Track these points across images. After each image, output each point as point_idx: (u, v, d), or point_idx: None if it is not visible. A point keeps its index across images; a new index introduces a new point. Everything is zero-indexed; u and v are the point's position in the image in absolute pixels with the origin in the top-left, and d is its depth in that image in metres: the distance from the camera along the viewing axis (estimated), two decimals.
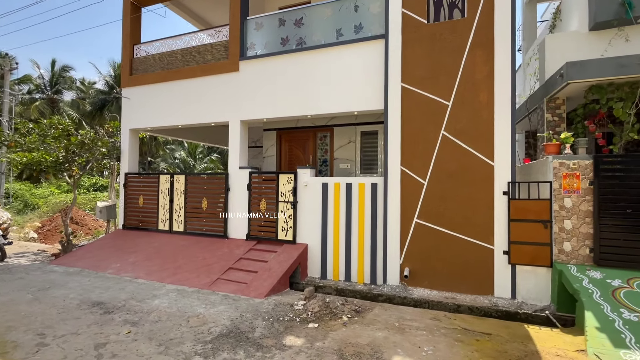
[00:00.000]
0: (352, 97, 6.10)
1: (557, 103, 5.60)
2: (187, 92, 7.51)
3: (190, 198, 7.43)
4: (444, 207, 5.38)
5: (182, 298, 4.77)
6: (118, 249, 7.09)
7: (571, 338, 3.65)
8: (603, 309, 3.71)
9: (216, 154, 38.74)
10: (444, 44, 5.45)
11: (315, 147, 8.10)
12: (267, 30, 6.95)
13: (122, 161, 8.31)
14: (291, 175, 6.41)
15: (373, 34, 6.07)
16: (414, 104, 5.60)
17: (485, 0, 5.23)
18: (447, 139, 5.39)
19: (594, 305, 3.79)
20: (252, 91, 6.88)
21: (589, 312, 3.70)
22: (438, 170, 5.43)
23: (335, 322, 3.98)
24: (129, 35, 8.28)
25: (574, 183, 4.58)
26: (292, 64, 6.58)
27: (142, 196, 7.96)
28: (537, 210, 4.78)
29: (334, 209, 6.13)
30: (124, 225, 8.15)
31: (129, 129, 8.24)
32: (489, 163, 5.15)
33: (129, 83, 8.23)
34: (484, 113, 5.20)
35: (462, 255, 5.24)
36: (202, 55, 7.44)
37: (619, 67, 4.53)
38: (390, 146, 5.70)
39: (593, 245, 4.47)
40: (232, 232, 6.94)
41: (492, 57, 5.17)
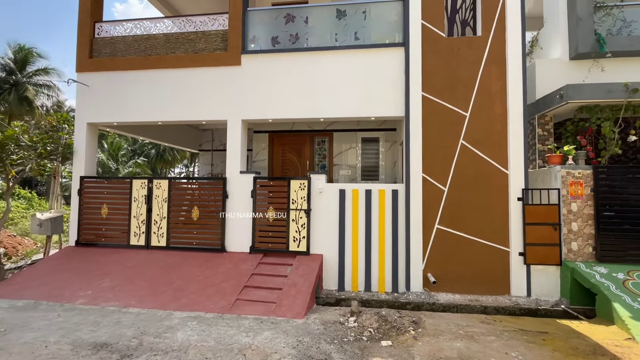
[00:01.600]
0: (370, 103, 6.00)
1: (546, 120, 6.38)
2: (172, 83, 6.48)
3: (176, 207, 6.36)
4: (463, 212, 5.60)
5: (208, 327, 3.97)
6: (79, 272, 5.64)
7: (606, 328, 4.07)
8: (625, 300, 4.25)
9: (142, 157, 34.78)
10: (461, 58, 5.75)
11: (312, 152, 7.76)
12: (273, 24, 6.44)
13: (76, 162, 6.72)
14: (304, 181, 5.97)
15: (390, 41, 6.10)
16: (433, 113, 5.76)
17: (498, 22, 5.70)
18: (466, 148, 5.66)
19: (617, 297, 4.31)
20: (256, 89, 6.26)
21: (616, 303, 4.20)
22: (457, 177, 5.65)
23: (404, 336, 3.74)
24: (88, 11, 6.82)
25: (578, 190, 5.21)
26: (303, 63, 6.20)
27: (107, 205, 6.53)
28: (548, 214, 5.31)
29: (352, 216, 5.89)
30: (78, 241, 6.56)
31: (87, 123, 6.73)
32: (503, 171, 5.55)
33: (88, 67, 6.75)
34: (498, 124, 5.61)
35: (481, 259, 5.50)
36: (193, 44, 6.52)
37: (607, 92, 5.38)
38: (412, 153, 5.74)
39: (595, 244, 5.13)
40: (231, 245, 6.13)
41: (505, 73, 5.63)
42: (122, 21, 6.86)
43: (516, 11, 5.63)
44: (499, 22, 5.69)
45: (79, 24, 6.83)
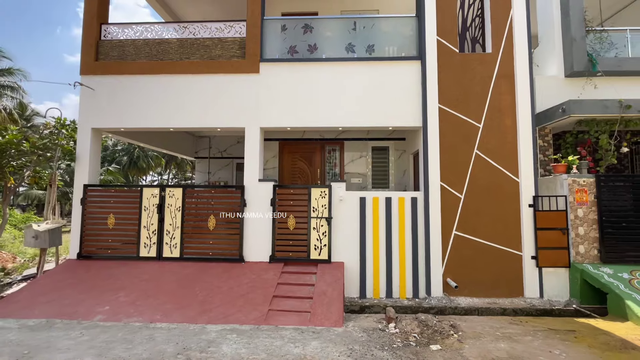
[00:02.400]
0: (388, 113, 6.18)
1: (546, 132, 6.87)
2: (186, 89, 6.32)
3: (190, 216, 6.15)
4: (478, 219, 5.87)
5: (250, 339, 3.86)
6: (89, 287, 5.28)
7: (623, 324, 4.41)
8: (636, 298, 4.63)
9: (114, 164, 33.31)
10: (474, 73, 6.10)
11: (323, 160, 7.81)
12: (292, 34, 6.50)
13: (79, 169, 6.33)
14: (325, 190, 6.01)
15: (406, 54, 6.35)
16: (449, 124, 6.03)
17: (506, 40, 6.12)
18: (480, 157, 5.97)
19: (628, 295, 4.69)
20: (275, 97, 6.26)
21: (629, 301, 4.56)
22: (473, 185, 5.93)
23: (449, 340, 3.85)
24: (95, 12, 6.54)
25: (583, 197, 5.64)
26: (321, 73, 6.29)
27: (113, 215, 6.20)
28: (557, 220, 5.69)
29: (373, 223, 5.99)
30: (80, 253, 6.15)
31: (91, 129, 6.39)
32: (515, 179, 5.90)
33: (95, 70, 6.44)
34: (509, 136, 5.98)
35: (496, 263, 5.78)
36: (208, 50, 6.43)
37: (604, 107, 5.91)
38: (431, 162, 5.96)
39: (599, 247, 5.56)
40: (249, 255, 6.01)
41: (514, 88, 6.04)
42: (130, 24, 6.64)
43: (523, 30, 6.09)
44: (507, 40, 6.12)
45: (84, 25, 6.53)
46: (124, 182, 33.10)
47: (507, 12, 6.14)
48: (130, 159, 32.94)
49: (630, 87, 6.44)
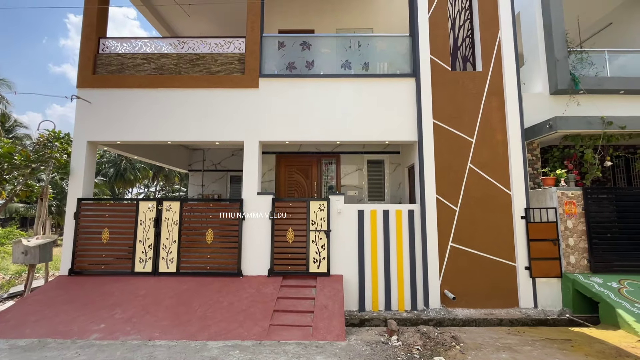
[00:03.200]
0: (385, 128, 6.35)
1: (534, 146, 7.17)
2: (185, 103, 6.36)
3: (188, 230, 6.09)
4: (473, 230, 6.02)
5: (254, 355, 3.82)
6: (83, 304, 5.13)
7: (615, 333, 4.56)
8: (626, 306, 4.80)
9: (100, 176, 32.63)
10: (466, 90, 6.36)
11: (319, 174, 7.89)
12: (290, 50, 6.67)
13: (73, 183, 6.22)
14: (324, 202, 6.07)
15: (401, 72, 6.59)
16: (443, 139, 6.24)
17: (495, 60, 6.43)
18: (473, 171, 6.17)
19: (618, 304, 4.86)
20: (274, 111, 6.37)
21: (619, 310, 4.73)
22: (467, 197, 6.11)
23: (451, 351, 3.90)
24: (94, 25, 6.57)
25: (572, 209, 5.88)
26: (319, 88, 6.45)
27: (108, 229, 6.08)
28: (548, 231, 5.89)
29: (371, 236, 6.06)
30: (72, 269, 5.98)
31: (87, 142, 6.32)
32: (507, 192, 6.11)
33: (92, 84, 6.43)
34: (500, 150, 6.22)
35: (491, 274, 5.91)
36: (208, 65, 6.51)
37: (588, 124, 6.23)
38: (426, 176, 6.12)
39: (589, 257, 5.77)
40: (247, 269, 5.97)
41: (504, 104, 6.32)
42: (130, 38, 6.69)
43: (510, 51, 6.42)
44: (496, 59, 6.43)
45: (82, 38, 6.54)
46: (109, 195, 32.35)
47: (495, 34, 6.48)
48: (117, 170, 32.30)
49: (611, 104, 6.83)
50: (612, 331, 4.64)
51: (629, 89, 6.87)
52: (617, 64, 7.29)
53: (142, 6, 7.95)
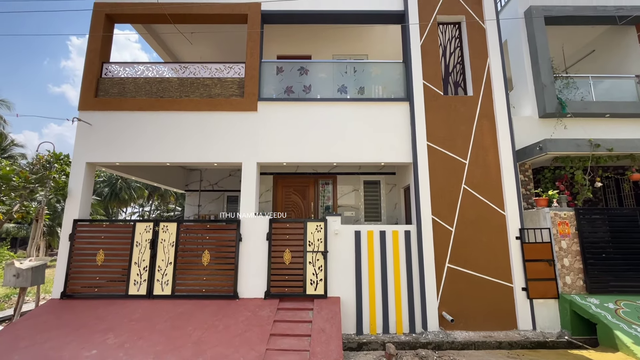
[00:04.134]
0: (380, 150, 6.49)
1: (526, 167, 7.34)
2: (185, 126, 6.49)
3: (184, 251, 6.06)
4: (469, 251, 6.06)
5: None
6: (75, 328, 5.01)
7: (614, 355, 4.53)
8: (623, 328, 4.80)
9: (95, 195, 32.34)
10: (458, 113, 6.58)
11: (316, 194, 7.96)
12: (288, 75, 6.90)
13: (70, 204, 6.22)
14: (321, 223, 6.11)
15: (395, 96, 6.82)
16: (438, 160, 6.39)
17: (485, 85, 6.70)
18: (468, 192, 6.28)
19: (615, 326, 4.86)
20: (271, 133, 6.51)
21: (617, 331, 4.73)
22: (462, 218, 6.18)
23: None
24: (98, 51, 6.78)
25: (565, 229, 5.97)
26: (316, 111, 6.63)
27: (103, 251, 6.03)
28: (543, 251, 5.94)
29: (368, 257, 6.07)
30: (65, 293, 5.88)
31: (86, 163, 6.37)
32: (501, 213, 6.21)
33: (93, 106, 6.56)
34: (493, 171, 6.36)
35: (489, 295, 5.90)
36: (208, 89, 6.70)
37: (576, 146, 6.44)
38: (422, 197, 6.21)
39: (584, 278, 5.80)
40: (244, 291, 5.90)
41: (495, 127, 6.53)
42: (132, 63, 6.89)
43: (499, 77, 6.70)
44: (486, 84, 6.70)
45: (86, 62, 6.73)
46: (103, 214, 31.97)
47: (484, 61, 6.78)
48: (112, 190, 32.10)
49: (598, 126, 7.09)
50: (611, 353, 4.62)
51: (613, 112, 7.14)
52: (601, 89, 7.61)
53: (146, 34, 8.23)
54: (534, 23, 7.60)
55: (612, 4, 7.82)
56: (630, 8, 7.76)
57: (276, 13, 6.98)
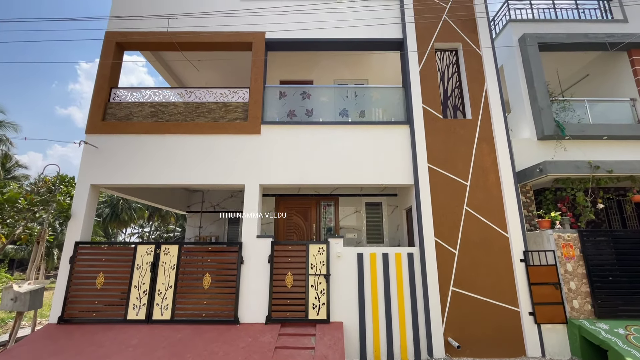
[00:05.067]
0: (382, 171, 6.55)
1: (527, 188, 7.37)
2: (189, 148, 6.60)
3: (184, 274, 5.99)
4: (474, 274, 5.98)
5: None
6: (72, 355, 4.87)
7: None
8: (635, 354, 4.65)
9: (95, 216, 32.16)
10: (458, 136, 6.70)
11: (318, 216, 7.95)
12: (291, 99, 7.09)
13: (72, 226, 6.22)
14: (323, 245, 6.07)
15: (395, 119, 6.97)
16: (439, 182, 6.43)
17: (483, 108, 6.86)
18: (470, 213, 6.28)
19: (627, 352, 4.71)
20: (274, 156, 6.60)
21: (630, 359, 4.58)
22: (465, 240, 6.14)
23: None
24: (107, 77, 7.01)
25: (570, 251, 5.91)
26: (318, 134, 6.75)
27: (103, 274, 5.97)
28: (549, 274, 5.86)
29: (371, 280, 5.98)
30: (62, 317, 5.77)
31: (90, 185, 6.43)
32: (504, 235, 6.17)
33: (100, 130, 6.70)
34: (494, 193, 6.39)
35: (495, 320, 5.76)
36: (213, 113, 6.87)
37: (576, 168, 6.49)
38: (424, 219, 6.21)
39: (592, 302, 5.68)
40: (245, 316, 5.79)
41: (494, 149, 6.62)
42: (140, 88, 7.10)
43: (497, 100, 6.87)
44: (484, 108, 6.86)
45: (95, 88, 6.94)
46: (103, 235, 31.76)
47: (481, 85, 6.97)
48: (112, 211, 32.07)
49: (597, 148, 7.18)
50: None
51: (611, 134, 7.25)
52: (597, 111, 7.76)
53: (154, 60, 8.54)
54: (529, 49, 7.88)
55: (603, 31, 8.12)
56: (620, 35, 8.05)
57: (280, 41, 7.27)
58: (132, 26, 7.26)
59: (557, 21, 8.42)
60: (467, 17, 7.38)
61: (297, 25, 7.15)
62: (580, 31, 8.14)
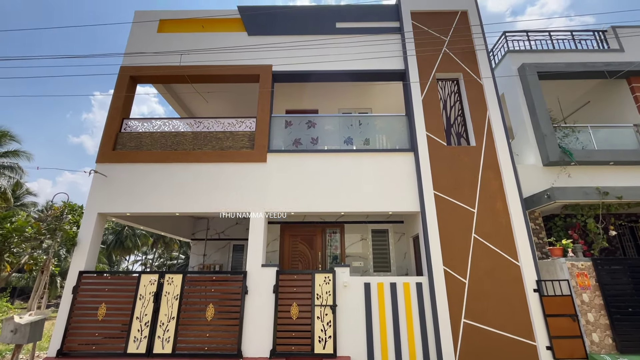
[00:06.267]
0: (387, 199, 6.53)
1: (535, 215, 7.26)
2: (196, 176, 6.69)
3: (187, 305, 5.86)
4: (486, 305, 5.76)
5: None
6: None
7: None
8: None
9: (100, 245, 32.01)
10: (462, 162, 6.72)
11: (324, 243, 7.86)
12: (296, 128, 7.24)
13: (77, 255, 6.20)
14: (329, 275, 5.95)
15: (400, 146, 7.05)
16: (445, 209, 6.38)
17: (487, 136, 6.92)
18: (478, 241, 6.16)
19: None
20: (280, 183, 6.65)
21: None
22: (475, 269, 5.98)
23: None
24: (120, 108, 7.28)
25: (585, 281, 5.71)
26: (323, 162, 6.82)
27: (105, 305, 5.86)
28: (564, 305, 5.62)
29: (379, 311, 5.79)
30: (61, 350, 5.61)
31: (97, 213, 6.48)
32: (515, 263, 6.01)
33: (111, 159, 6.85)
34: (502, 219, 6.30)
35: (511, 355, 5.47)
36: (220, 142, 7.02)
37: (585, 194, 6.42)
38: (432, 246, 6.10)
39: (613, 336, 5.40)
40: (248, 349, 5.58)
41: (500, 175, 6.60)
42: (150, 119, 7.34)
43: (500, 128, 6.94)
44: (487, 135, 6.92)
45: (107, 119, 7.19)
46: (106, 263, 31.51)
47: (484, 113, 7.09)
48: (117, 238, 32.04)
49: (604, 174, 7.13)
50: None
51: (617, 160, 7.22)
52: (601, 138, 7.78)
53: (165, 93, 8.89)
54: (528, 78, 8.07)
55: (600, 60, 8.33)
56: (618, 64, 8.24)
57: (286, 73, 7.55)
58: (145, 61, 7.63)
59: (555, 51, 8.68)
60: (467, 49, 7.65)
61: (302, 58, 7.46)
62: (578, 60, 8.36)
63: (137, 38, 7.93)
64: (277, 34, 7.84)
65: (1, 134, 20.78)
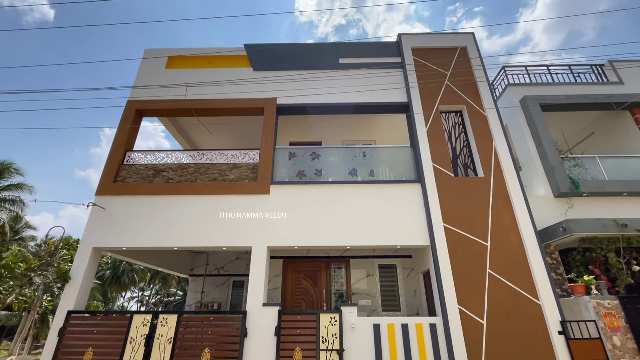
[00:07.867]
0: (395, 232, 6.25)
1: (551, 249, 6.91)
2: (197, 209, 6.48)
3: (182, 349, 5.39)
4: (507, 349, 5.26)
5: None
6: None
7: None
8: None
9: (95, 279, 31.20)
10: (471, 194, 6.51)
11: (328, 280, 7.44)
12: (300, 160, 7.15)
13: (68, 292, 5.84)
14: (335, 315, 5.52)
15: (406, 178, 6.89)
16: (457, 243, 6.07)
17: (495, 166, 6.78)
18: (494, 277, 5.78)
19: None
20: (283, 216, 6.41)
21: None
22: (493, 308, 5.55)
23: None
24: (124, 141, 7.27)
25: (614, 322, 5.25)
26: (327, 194, 6.63)
27: (92, 349, 5.40)
28: (595, 350, 5.11)
29: (390, 356, 5.28)
30: None
31: (92, 248, 6.20)
32: (536, 302, 5.58)
33: (111, 191, 6.70)
34: (517, 253, 5.95)
35: None
36: (223, 174, 6.91)
37: (602, 226, 6.13)
38: (445, 284, 5.72)
39: None
40: None
41: (511, 207, 6.35)
42: (153, 151, 7.30)
43: (507, 158, 6.82)
44: (495, 166, 6.78)
45: (110, 151, 7.15)
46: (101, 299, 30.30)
47: (490, 144, 7.00)
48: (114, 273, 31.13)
49: (618, 205, 6.88)
50: None
51: (631, 191, 6.99)
52: (611, 168, 7.61)
53: (170, 125, 8.96)
54: (531, 110, 8.09)
55: (601, 92, 8.40)
56: (620, 96, 8.30)
57: (290, 106, 7.62)
58: (152, 94, 7.75)
59: (555, 84, 8.81)
60: (468, 81, 7.76)
61: (306, 91, 7.55)
62: (579, 92, 8.44)
63: (146, 73, 8.13)
64: (281, 69, 8.02)
65: (4, 167, 20.95)
